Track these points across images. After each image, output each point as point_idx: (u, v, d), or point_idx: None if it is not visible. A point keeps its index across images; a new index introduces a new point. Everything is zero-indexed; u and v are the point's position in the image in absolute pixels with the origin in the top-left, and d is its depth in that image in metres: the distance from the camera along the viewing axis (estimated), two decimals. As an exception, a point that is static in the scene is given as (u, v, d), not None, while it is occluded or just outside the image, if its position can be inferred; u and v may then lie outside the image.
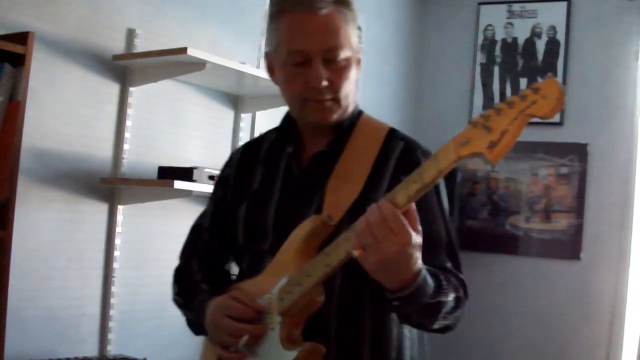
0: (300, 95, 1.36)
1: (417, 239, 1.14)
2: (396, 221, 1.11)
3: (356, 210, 1.28)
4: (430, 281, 1.23)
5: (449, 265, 1.35)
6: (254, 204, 1.45)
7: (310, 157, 1.42)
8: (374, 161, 1.37)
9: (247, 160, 1.53)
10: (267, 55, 1.44)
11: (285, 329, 1.29)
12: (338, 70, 1.34)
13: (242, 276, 1.45)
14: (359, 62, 1.41)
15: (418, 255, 1.16)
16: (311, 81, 1.33)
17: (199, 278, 1.50)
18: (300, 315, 1.29)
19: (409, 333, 1.42)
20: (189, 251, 1.58)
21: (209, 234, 1.55)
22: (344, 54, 1.34)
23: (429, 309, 1.25)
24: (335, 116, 1.38)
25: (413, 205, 1.15)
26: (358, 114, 1.46)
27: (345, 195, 1.33)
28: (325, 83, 1.33)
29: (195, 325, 1.46)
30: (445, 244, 1.35)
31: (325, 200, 1.34)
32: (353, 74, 1.38)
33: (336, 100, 1.36)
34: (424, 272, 1.21)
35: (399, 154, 1.40)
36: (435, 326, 1.31)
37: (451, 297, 1.29)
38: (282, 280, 1.31)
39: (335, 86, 1.34)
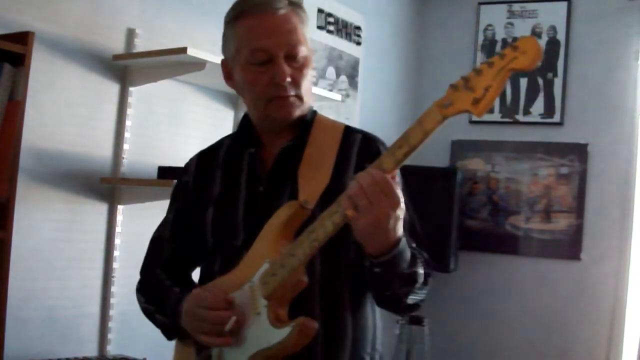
0: (264, 94, 1.41)
1: (402, 204, 1.21)
2: (386, 184, 1.19)
3: (328, 196, 1.35)
4: (407, 249, 1.30)
5: (413, 245, 1.40)
6: (221, 206, 1.48)
7: (274, 154, 1.47)
8: (337, 152, 1.44)
9: (204, 166, 1.56)
10: (224, 62, 1.50)
11: (272, 311, 1.31)
12: (299, 67, 1.42)
13: (214, 277, 1.46)
14: (312, 61, 1.47)
15: (401, 222, 1.24)
16: (276, 77, 1.39)
17: (169, 283, 1.52)
18: (286, 297, 1.32)
19: (380, 324, 1.50)
20: (151, 264, 1.60)
21: (170, 244, 1.57)
22: (302, 51, 1.42)
23: (406, 277, 1.32)
24: (298, 112, 1.44)
25: (397, 174, 1.23)
26: (314, 113, 1.52)
27: (317, 183, 1.39)
28: (289, 79, 1.39)
29: (170, 328, 1.48)
30: (409, 224, 1.41)
31: (299, 187, 1.39)
32: (311, 72, 1.46)
33: (298, 96, 1.42)
34: (403, 239, 1.28)
35: (359, 144, 1.47)
36: (410, 301, 1.37)
37: (422, 270, 1.36)
38: (262, 267, 1.34)
39: (297, 82, 1.41)
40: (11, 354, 2.07)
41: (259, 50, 1.39)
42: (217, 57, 2.45)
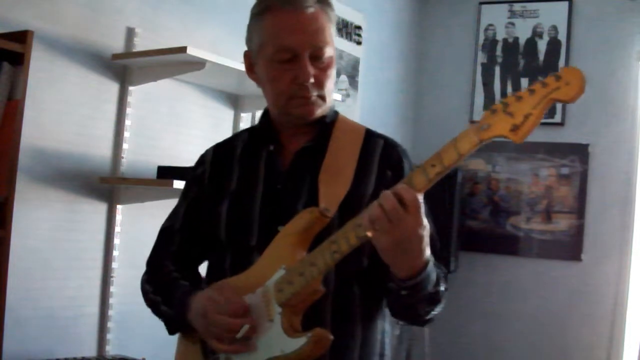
0: (286, 92, 1.39)
1: (427, 222, 1.19)
2: (414, 203, 1.15)
3: (347, 204, 1.33)
4: (434, 271, 1.28)
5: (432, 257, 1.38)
6: (237, 202, 1.45)
7: (293, 153, 1.44)
8: (358, 157, 1.42)
9: (220, 159, 1.54)
10: (248, 54, 1.47)
11: (286, 319, 1.29)
12: (323, 68, 1.39)
13: (224, 273, 1.45)
14: (335, 61, 1.45)
15: (427, 239, 1.20)
16: (299, 77, 1.36)
17: (177, 275, 1.49)
18: (301, 305, 1.30)
19: (389, 329, 1.48)
20: (159, 255, 1.57)
21: (180, 235, 1.54)
22: (328, 52, 1.39)
23: (431, 298, 1.30)
24: (319, 111, 1.42)
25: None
26: (335, 113, 1.50)
27: (337, 189, 1.36)
28: (312, 80, 1.36)
29: (174, 321, 1.46)
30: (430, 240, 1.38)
31: (319, 192, 1.36)
32: (334, 72, 1.43)
33: (321, 96, 1.40)
34: (431, 261, 1.25)
35: (381, 150, 1.44)
36: (429, 316, 1.36)
37: (443, 287, 1.34)
38: (277, 272, 1.31)
39: (320, 83, 1.39)
40: (10, 354, 2.06)
41: (284, 48, 1.36)
42: (217, 57, 2.46)
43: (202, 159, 1.58)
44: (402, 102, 4.25)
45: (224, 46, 2.86)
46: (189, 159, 2.75)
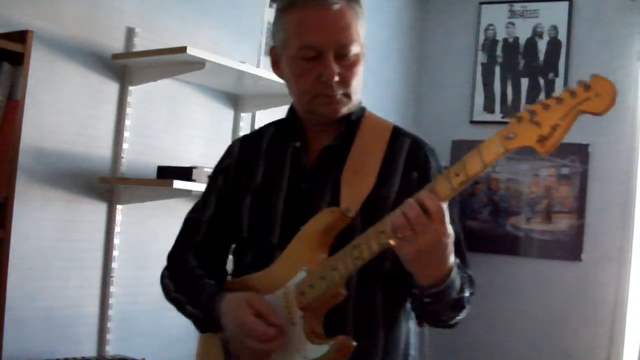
0: (310, 90, 1.36)
1: (451, 229, 1.16)
2: (439, 212, 1.12)
3: (370, 205, 1.31)
4: (458, 278, 1.25)
5: (458, 261, 1.35)
6: (260, 197, 1.44)
7: (318, 151, 1.42)
8: (384, 156, 1.39)
9: (247, 152, 1.51)
10: (273, 50, 1.44)
11: (308, 323, 1.28)
12: (349, 65, 1.36)
13: (245, 269, 1.43)
14: (364, 56, 1.41)
15: (452, 247, 1.18)
16: (323, 76, 1.33)
17: (201, 273, 1.46)
18: (322, 309, 1.29)
19: (414, 328, 1.45)
20: (182, 246, 1.54)
21: (207, 226, 1.51)
22: (354, 49, 1.36)
23: (455, 305, 1.28)
24: (344, 110, 1.39)
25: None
26: (362, 110, 1.47)
27: (360, 189, 1.34)
28: (336, 78, 1.33)
29: (205, 324, 1.42)
30: (455, 241, 1.35)
31: (341, 191, 1.34)
32: (361, 69, 1.39)
33: (346, 94, 1.37)
34: (455, 268, 1.23)
35: (407, 150, 1.42)
36: (454, 322, 1.34)
37: (468, 293, 1.32)
38: (298, 274, 1.30)
39: (345, 81, 1.36)
40: (10, 354, 2.06)
41: (308, 46, 1.33)
42: (216, 57, 2.46)
43: (230, 151, 1.55)
44: (402, 102, 4.25)
45: (224, 46, 2.86)
46: (188, 159, 2.76)
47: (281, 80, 1.47)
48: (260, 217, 1.43)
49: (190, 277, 1.46)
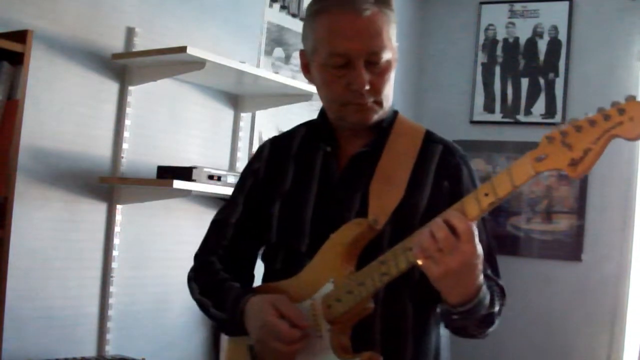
0: (340, 98, 1.34)
1: (480, 249, 1.14)
2: (468, 233, 1.10)
3: (399, 215, 1.29)
4: (487, 295, 1.23)
5: (489, 271, 1.35)
6: (290, 203, 1.42)
7: (349, 157, 1.40)
8: (414, 164, 1.37)
9: (277, 155, 1.49)
10: (303, 53, 1.42)
11: (335, 337, 1.27)
12: (380, 72, 1.33)
13: (274, 275, 1.42)
14: (396, 61, 1.38)
15: (481, 266, 1.16)
16: (354, 84, 1.31)
17: (226, 276, 1.44)
18: (349, 322, 1.28)
19: (445, 332, 1.43)
20: (208, 247, 1.52)
21: (234, 229, 1.49)
22: (385, 56, 1.33)
23: (484, 320, 1.27)
24: (375, 117, 1.37)
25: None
26: (394, 114, 1.45)
27: (389, 200, 1.32)
28: (367, 87, 1.31)
29: (228, 326, 1.41)
30: (486, 248, 1.30)
31: (369, 201, 1.32)
32: (393, 75, 1.37)
33: (377, 102, 1.35)
34: (484, 286, 1.21)
35: (439, 157, 1.39)
36: (485, 334, 1.34)
37: (498, 307, 1.31)
38: (325, 285, 1.29)
39: (376, 89, 1.33)
40: (9, 354, 2.06)
41: (338, 54, 1.30)
42: (216, 56, 2.45)
43: (259, 154, 1.53)
44: (402, 102, 4.24)
45: (224, 46, 2.86)
46: (188, 159, 2.76)
47: (281, 80, 1.46)
48: (289, 223, 1.41)
49: (215, 280, 1.45)
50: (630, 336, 3.70)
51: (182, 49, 2.31)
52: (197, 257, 1.55)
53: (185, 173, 2.40)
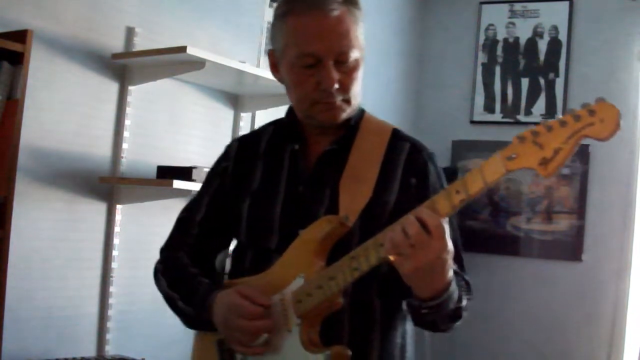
0: (310, 97, 1.36)
1: (451, 245, 1.16)
2: (439, 229, 1.12)
3: (369, 212, 1.31)
4: (456, 290, 1.26)
5: (455, 267, 1.35)
6: (258, 201, 1.43)
7: (317, 155, 1.42)
8: (382, 161, 1.38)
9: (245, 154, 1.51)
10: (272, 53, 1.43)
11: (305, 331, 1.29)
12: (349, 71, 1.35)
13: (243, 273, 1.43)
14: (364, 59, 1.40)
15: (451, 261, 1.18)
16: (323, 84, 1.32)
17: (196, 271, 1.47)
18: (319, 317, 1.29)
19: (410, 329, 1.45)
20: (174, 244, 1.54)
21: (199, 227, 1.51)
22: (354, 55, 1.34)
23: (452, 315, 1.28)
24: (344, 115, 1.39)
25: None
26: (361, 112, 1.46)
27: (359, 197, 1.33)
28: (336, 86, 1.33)
29: (194, 319, 1.43)
30: (453, 245, 1.34)
31: (340, 199, 1.34)
32: (361, 74, 1.39)
33: (346, 100, 1.36)
34: (453, 282, 1.23)
35: (406, 155, 1.41)
36: (450, 329, 1.35)
37: (465, 302, 1.32)
38: (295, 280, 1.30)
39: (345, 88, 1.35)
40: (9, 354, 2.06)
41: (307, 54, 1.32)
42: (216, 56, 2.45)
43: (227, 154, 1.55)
44: (402, 102, 4.24)
45: (224, 46, 2.86)
46: (188, 159, 2.76)
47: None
48: (258, 221, 1.43)
49: (184, 275, 1.47)
50: (630, 336, 3.70)
51: (182, 49, 2.31)
52: (163, 251, 1.56)
53: (185, 173, 2.40)
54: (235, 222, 1.46)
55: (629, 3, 3.83)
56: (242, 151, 1.52)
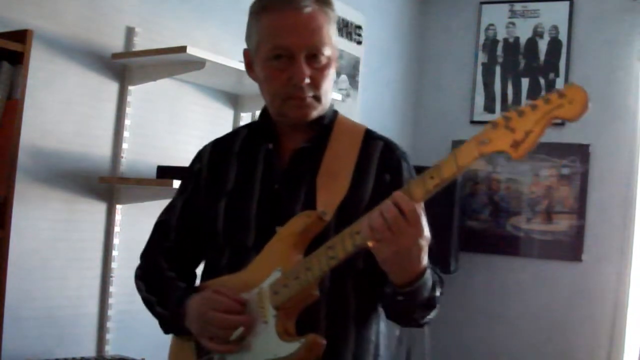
0: (281, 92, 1.38)
1: (427, 231, 1.19)
2: (414, 214, 1.16)
3: (345, 207, 1.34)
4: (430, 278, 1.29)
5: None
6: (234, 200, 1.45)
7: (290, 152, 1.44)
8: (357, 159, 1.41)
9: (218, 155, 1.53)
10: (247, 53, 1.47)
11: (281, 322, 1.30)
12: (320, 68, 1.38)
13: (221, 271, 1.44)
14: (336, 60, 1.43)
15: (427, 248, 1.21)
16: (294, 78, 1.35)
17: (172, 275, 1.49)
18: (295, 308, 1.31)
19: (384, 330, 1.47)
20: (154, 249, 1.57)
21: (176, 231, 1.53)
22: (326, 52, 1.38)
23: (427, 304, 1.31)
24: (315, 113, 1.41)
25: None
26: (335, 113, 1.49)
27: (335, 193, 1.36)
28: (307, 80, 1.35)
29: (169, 323, 1.45)
30: None
31: (317, 195, 1.36)
32: (333, 72, 1.42)
33: (317, 97, 1.39)
34: (429, 269, 1.26)
35: (380, 153, 1.44)
36: (424, 321, 1.37)
37: (439, 293, 1.34)
38: (273, 274, 1.32)
39: (316, 84, 1.38)
40: (9, 354, 2.06)
41: (279, 48, 1.35)
42: (216, 56, 2.45)
43: (200, 156, 1.57)
44: (402, 102, 4.24)
45: (224, 46, 2.86)
46: (188, 159, 2.73)
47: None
48: (235, 220, 1.44)
49: (161, 279, 1.49)
50: (630, 336, 3.70)
51: (182, 49, 2.31)
52: (143, 256, 1.59)
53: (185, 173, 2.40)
54: (211, 223, 1.47)
55: (629, 3, 3.83)
56: (215, 152, 1.54)
